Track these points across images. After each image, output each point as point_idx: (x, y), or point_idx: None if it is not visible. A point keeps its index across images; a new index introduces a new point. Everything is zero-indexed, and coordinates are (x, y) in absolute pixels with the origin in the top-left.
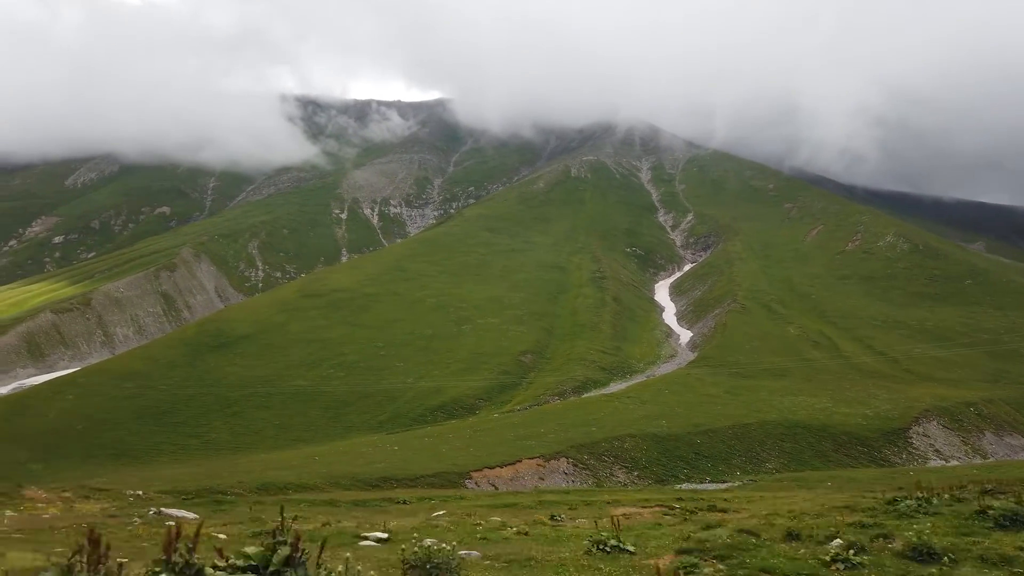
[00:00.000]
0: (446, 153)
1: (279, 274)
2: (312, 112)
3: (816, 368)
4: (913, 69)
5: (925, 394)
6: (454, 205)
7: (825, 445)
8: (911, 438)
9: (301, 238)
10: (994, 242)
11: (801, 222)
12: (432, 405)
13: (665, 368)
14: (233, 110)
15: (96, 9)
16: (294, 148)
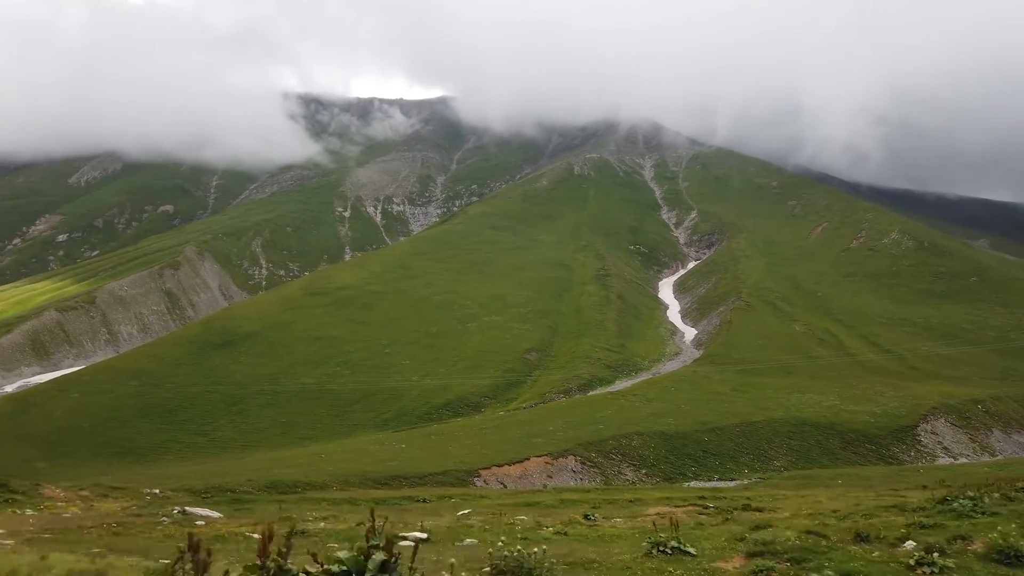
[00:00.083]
0: (449, 151)
1: (283, 272)
2: (315, 110)
3: (822, 365)
4: (916, 67)
5: (932, 391)
6: (457, 203)
7: (833, 443)
8: (919, 436)
9: (304, 236)
10: (998, 239)
11: (805, 219)
12: (438, 403)
13: (670, 366)
14: (236, 108)
15: (99, 7)
16: (297, 146)
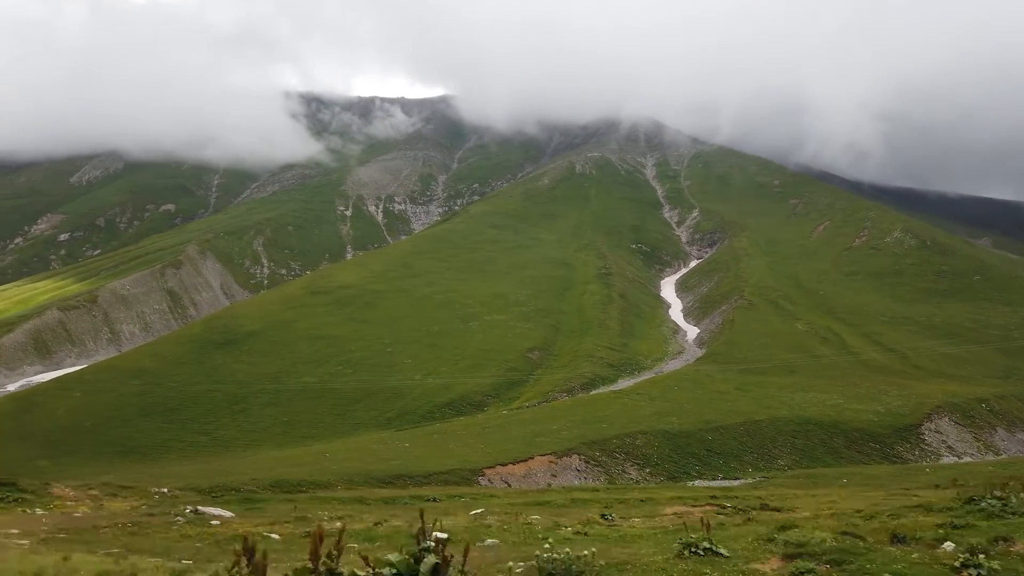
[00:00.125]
0: (450, 150)
1: (284, 271)
2: (316, 109)
3: (825, 364)
4: (918, 65)
5: (936, 390)
6: (458, 202)
7: (837, 442)
8: (923, 434)
9: (306, 235)
10: (1000, 238)
11: (807, 218)
12: (440, 402)
13: (673, 365)
14: (237, 107)
15: (100, 6)
16: (298, 145)
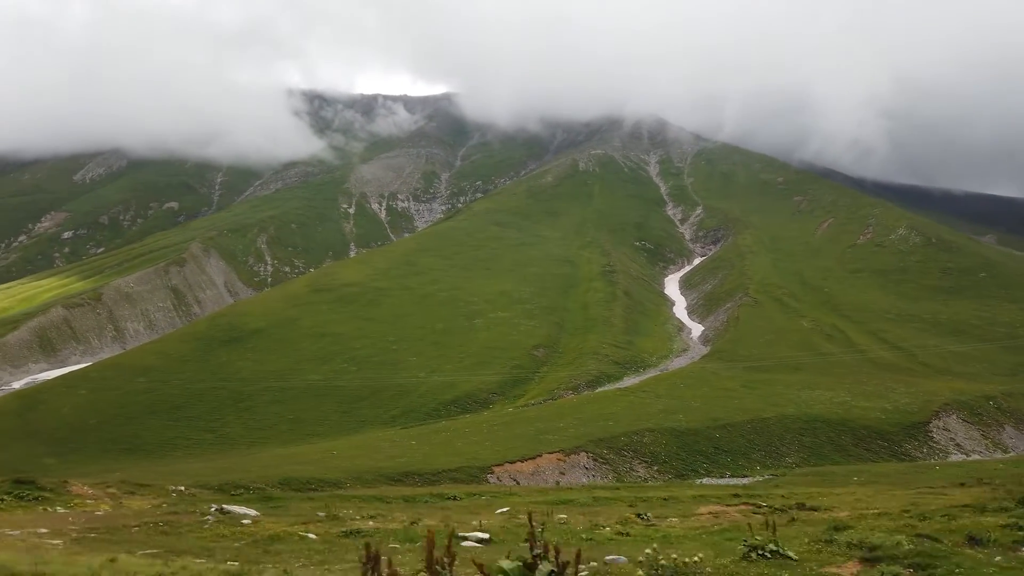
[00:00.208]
0: (453, 147)
1: (288, 269)
2: (318, 107)
3: (831, 362)
4: (922, 61)
5: (943, 388)
6: (461, 199)
7: (845, 439)
8: (931, 432)
9: (309, 232)
10: (1005, 235)
11: (811, 215)
12: (445, 399)
13: (678, 362)
14: (240, 105)
15: (102, 4)
16: (301, 143)
